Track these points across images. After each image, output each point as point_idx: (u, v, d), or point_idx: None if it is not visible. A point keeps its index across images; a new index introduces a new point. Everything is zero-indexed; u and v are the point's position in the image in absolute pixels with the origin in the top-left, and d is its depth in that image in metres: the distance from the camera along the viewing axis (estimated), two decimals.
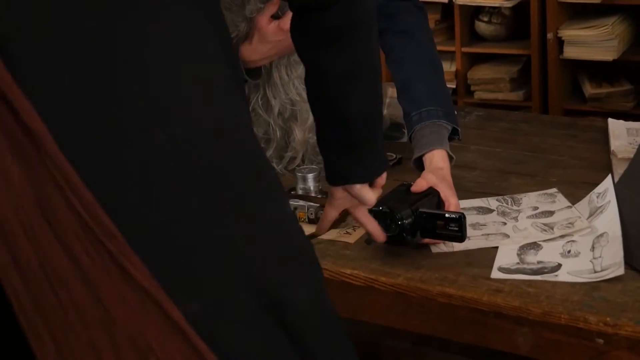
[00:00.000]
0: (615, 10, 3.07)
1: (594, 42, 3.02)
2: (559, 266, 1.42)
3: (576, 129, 2.04)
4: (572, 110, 3.12)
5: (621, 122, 2.01)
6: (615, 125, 1.99)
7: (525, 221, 1.59)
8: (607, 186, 1.59)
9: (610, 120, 2.02)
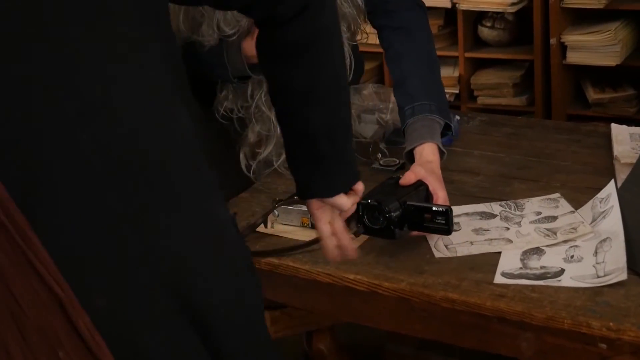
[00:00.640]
0: (618, 15, 3.07)
1: (597, 48, 3.01)
2: (562, 271, 1.42)
3: (579, 134, 2.04)
4: (575, 115, 3.11)
5: (624, 127, 2.01)
6: (618, 130, 1.99)
7: (528, 226, 1.59)
8: (610, 191, 1.59)
9: (613, 125, 2.02)
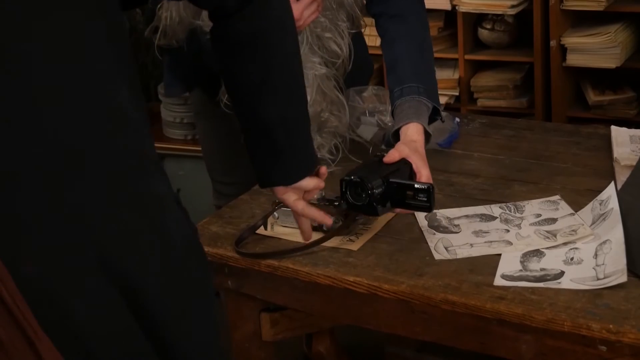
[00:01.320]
0: (618, 17, 3.06)
1: (597, 50, 3.01)
2: (562, 273, 1.42)
3: (579, 137, 2.04)
4: (575, 117, 3.11)
5: (624, 129, 2.01)
6: (618, 132, 1.99)
7: (528, 228, 1.59)
8: (610, 193, 1.59)
9: (613, 127, 2.02)
